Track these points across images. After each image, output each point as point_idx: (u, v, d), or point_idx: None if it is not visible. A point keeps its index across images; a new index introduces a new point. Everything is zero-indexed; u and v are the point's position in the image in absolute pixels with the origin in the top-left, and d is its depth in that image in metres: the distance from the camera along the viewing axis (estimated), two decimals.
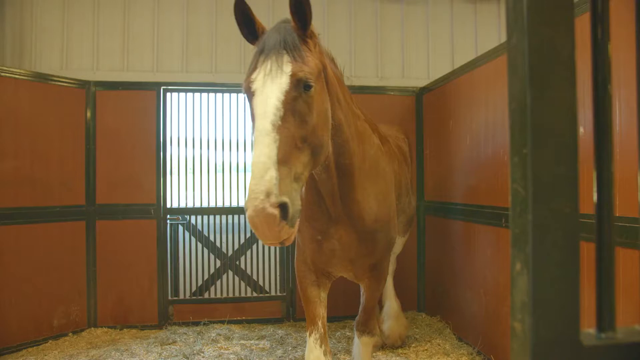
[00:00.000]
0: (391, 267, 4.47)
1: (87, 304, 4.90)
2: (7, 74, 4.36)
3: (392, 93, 5.46)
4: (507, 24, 0.69)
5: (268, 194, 1.72)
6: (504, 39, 4.30)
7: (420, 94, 5.38)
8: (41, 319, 4.56)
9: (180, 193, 5.23)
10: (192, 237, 5.19)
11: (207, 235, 5.22)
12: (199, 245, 5.20)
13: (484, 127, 4.03)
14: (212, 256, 5.21)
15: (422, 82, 5.60)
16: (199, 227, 5.20)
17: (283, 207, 1.75)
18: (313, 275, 2.96)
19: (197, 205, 5.21)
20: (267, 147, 1.79)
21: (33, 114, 4.50)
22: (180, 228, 5.17)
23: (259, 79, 1.96)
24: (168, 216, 5.08)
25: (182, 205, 5.25)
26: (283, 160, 1.81)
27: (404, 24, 6.56)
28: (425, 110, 5.31)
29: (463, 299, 4.42)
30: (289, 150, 1.85)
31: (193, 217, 5.17)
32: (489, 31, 6.66)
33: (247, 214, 1.74)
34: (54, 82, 4.71)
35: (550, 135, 0.65)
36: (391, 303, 4.49)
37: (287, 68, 1.94)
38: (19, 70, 4.56)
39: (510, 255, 0.69)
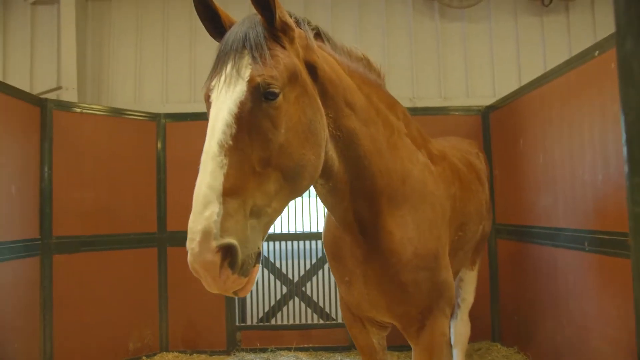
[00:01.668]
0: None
1: (159, 328, 5.03)
2: (88, 111, 4.68)
3: (456, 113, 5.28)
4: (617, 26, 0.62)
5: (206, 235, 1.39)
6: (575, 51, 4.07)
7: (486, 113, 5.18)
8: (118, 341, 4.73)
9: None
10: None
11: (272, 261, 5.24)
12: (265, 271, 5.22)
13: (559, 144, 3.79)
14: (278, 282, 5.22)
15: (488, 101, 5.40)
16: (264, 252, 5.23)
17: (228, 250, 1.40)
18: (359, 323, 2.60)
19: None
20: (211, 175, 1.43)
21: (110, 146, 4.77)
22: None
23: (217, 86, 1.59)
24: None
25: None
26: (232, 191, 1.43)
27: (466, 42, 6.42)
28: (493, 129, 5.10)
29: (543, 328, 4.11)
30: (242, 177, 1.47)
31: None
32: (558, 44, 6.38)
33: (188, 258, 1.43)
34: (127, 116, 4.98)
35: None
36: None
37: (246, 73, 1.54)
38: (97, 107, 4.88)
39: (632, 289, 0.59)
